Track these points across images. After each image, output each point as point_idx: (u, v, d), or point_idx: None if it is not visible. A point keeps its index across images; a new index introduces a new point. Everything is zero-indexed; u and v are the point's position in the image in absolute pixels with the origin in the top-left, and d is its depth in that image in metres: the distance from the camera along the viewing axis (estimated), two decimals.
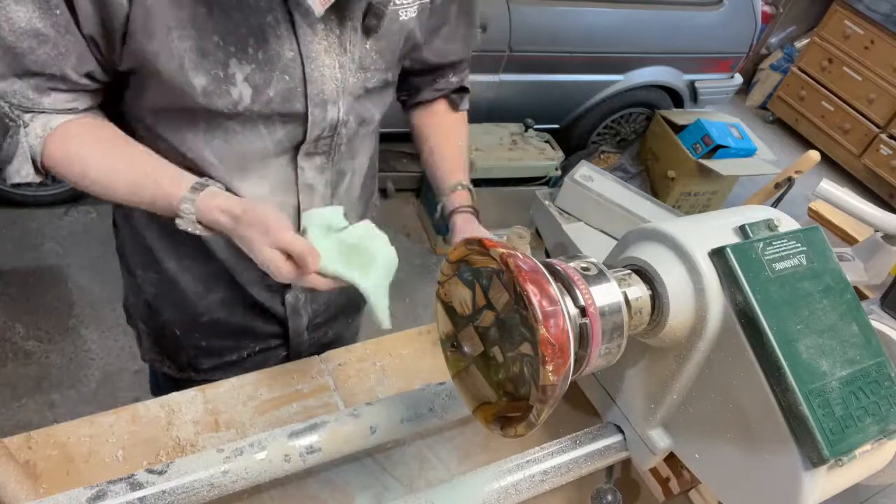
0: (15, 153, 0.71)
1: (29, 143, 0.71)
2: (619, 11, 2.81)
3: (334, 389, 0.86)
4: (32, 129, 0.71)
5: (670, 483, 0.78)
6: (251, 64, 0.72)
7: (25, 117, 0.70)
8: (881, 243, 1.12)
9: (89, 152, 0.73)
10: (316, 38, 0.74)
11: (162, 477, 0.60)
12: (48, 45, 0.66)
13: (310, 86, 0.76)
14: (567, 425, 0.81)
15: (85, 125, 0.74)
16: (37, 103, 0.70)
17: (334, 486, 0.75)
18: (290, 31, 0.72)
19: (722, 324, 0.60)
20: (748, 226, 0.61)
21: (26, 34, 0.65)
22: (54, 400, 1.95)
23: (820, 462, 0.55)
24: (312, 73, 0.75)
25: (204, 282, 0.94)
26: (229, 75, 0.71)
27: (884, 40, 3.79)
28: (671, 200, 3.09)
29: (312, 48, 0.74)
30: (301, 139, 0.81)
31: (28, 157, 0.72)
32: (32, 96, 0.69)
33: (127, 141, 0.76)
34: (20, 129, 0.70)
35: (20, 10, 0.63)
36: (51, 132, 0.71)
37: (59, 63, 0.68)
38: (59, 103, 0.71)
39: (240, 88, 0.73)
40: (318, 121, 0.79)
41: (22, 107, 0.69)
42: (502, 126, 2.78)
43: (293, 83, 0.75)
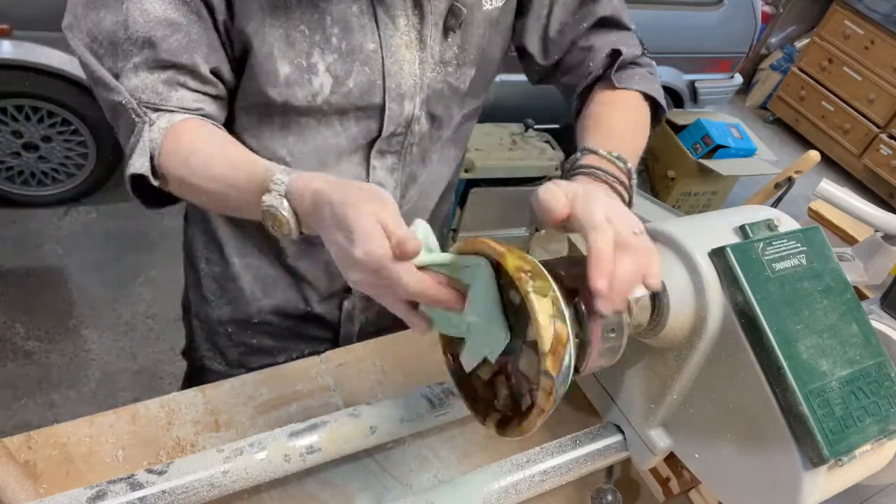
0: (136, 148, 0.70)
1: (152, 138, 0.69)
2: None
3: (334, 389, 0.86)
4: (157, 126, 0.70)
5: (670, 483, 0.78)
6: (333, 53, 0.72)
7: (152, 115, 0.69)
8: (881, 243, 1.12)
9: (197, 142, 0.70)
10: (398, 33, 0.74)
11: (162, 477, 0.60)
12: (180, 32, 0.67)
13: (388, 79, 0.76)
14: (567, 425, 0.81)
15: (201, 123, 0.72)
16: (165, 98, 0.69)
17: (334, 486, 0.75)
18: (372, 22, 0.72)
19: (722, 324, 0.60)
20: (748, 226, 0.61)
21: (160, 23, 0.66)
22: (54, 400, 1.95)
23: (820, 462, 0.55)
24: (392, 66, 0.75)
25: (263, 283, 0.96)
26: (311, 64, 0.72)
27: (884, 40, 3.79)
28: (671, 200, 3.09)
29: (393, 41, 0.74)
30: (376, 135, 0.80)
31: (147, 150, 0.69)
32: (162, 90, 0.69)
33: (233, 140, 0.73)
34: (145, 126, 0.69)
35: (154, 2, 0.65)
36: (172, 125, 0.70)
37: (190, 51, 0.68)
38: (187, 101, 0.71)
39: (321, 78, 0.73)
40: (395, 115, 0.79)
41: (150, 104, 0.69)
42: (502, 126, 2.78)
43: (373, 75, 0.75)
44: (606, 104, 0.82)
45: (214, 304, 1.00)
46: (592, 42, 0.85)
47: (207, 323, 1.03)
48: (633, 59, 0.85)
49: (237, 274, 0.96)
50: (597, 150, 0.72)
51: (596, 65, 0.84)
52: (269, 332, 1.02)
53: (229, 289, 0.98)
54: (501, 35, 0.85)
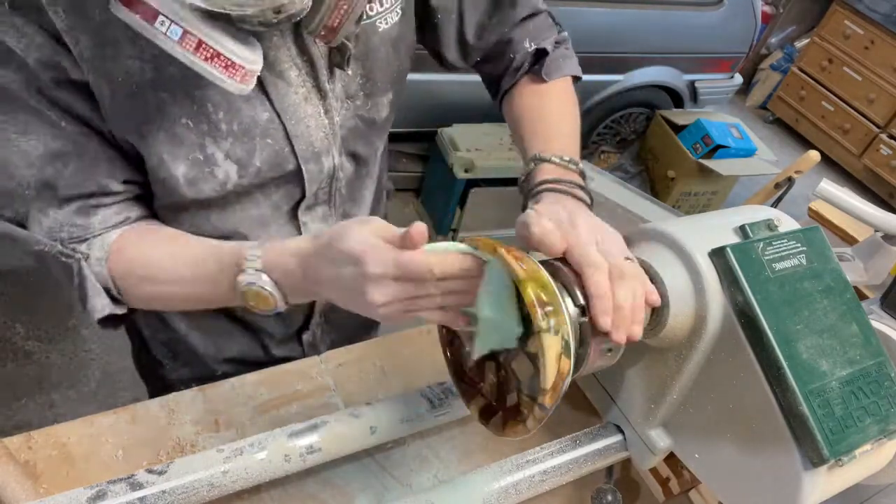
0: (86, 291, 0.65)
1: (94, 272, 0.65)
2: (619, 11, 2.81)
3: (334, 389, 0.86)
4: (93, 257, 0.65)
5: (670, 483, 0.78)
6: (227, 139, 0.64)
7: (81, 248, 0.64)
8: (881, 243, 1.12)
9: (148, 249, 0.67)
10: (291, 89, 0.66)
11: (162, 477, 0.60)
12: (73, 161, 0.61)
13: (296, 142, 0.69)
14: (567, 425, 0.81)
15: (138, 230, 0.68)
16: (86, 227, 0.64)
17: (334, 486, 0.75)
18: (259, 89, 0.64)
19: (722, 324, 0.60)
20: (748, 226, 0.62)
21: (46, 159, 0.60)
22: (54, 400, 1.95)
23: (820, 462, 0.55)
24: (295, 128, 0.68)
25: (216, 341, 0.90)
26: (209, 156, 0.65)
27: (884, 40, 3.79)
28: (671, 200, 3.09)
29: (289, 101, 0.66)
30: (300, 197, 0.75)
31: (99, 290, 0.65)
32: (79, 221, 0.64)
33: (182, 233, 0.70)
34: (81, 263, 0.64)
35: (31, 140, 0.58)
36: (109, 250, 0.65)
37: (93, 176, 0.63)
38: (110, 219, 0.66)
39: (223, 167, 0.66)
40: (315, 175, 0.73)
41: (74, 238, 0.64)
42: (502, 126, 2.78)
43: (278, 145, 0.68)
44: (540, 97, 0.83)
45: (170, 367, 0.95)
46: (512, 35, 0.84)
47: (167, 382, 0.97)
48: (553, 45, 0.85)
49: (185, 337, 0.89)
50: (549, 157, 0.72)
51: (519, 58, 0.84)
52: None
53: (181, 351, 0.92)
54: (405, 50, 0.77)
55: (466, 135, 2.65)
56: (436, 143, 2.70)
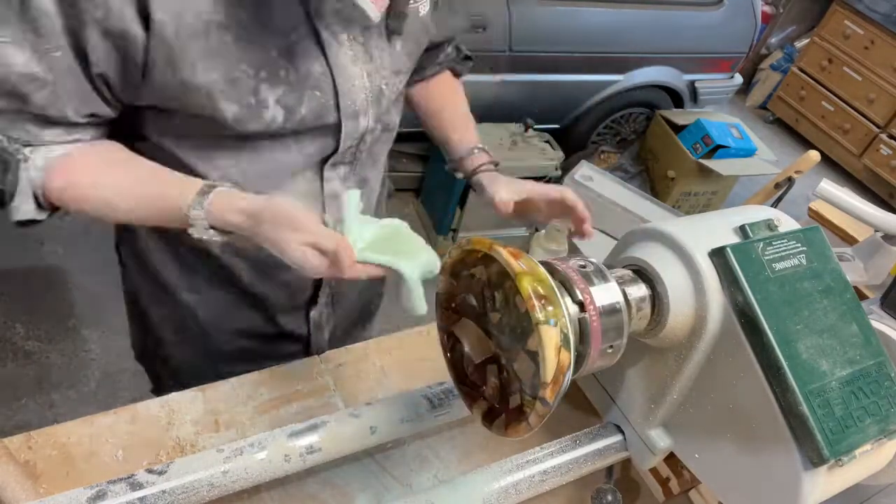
0: (16, 190, 0.67)
1: (30, 178, 0.68)
2: (619, 11, 2.81)
3: (334, 389, 0.86)
4: (33, 163, 0.67)
5: (670, 483, 0.78)
6: (282, 86, 0.70)
7: (25, 151, 0.67)
8: (881, 243, 1.12)
9: (92, 175, 0.70)
10: (342, 50, 0.73)
11: (162, 477, 0.60)
12: (46, 89, 0.63)
13: (341, 98, 0.75)
14: (567, 425, 0.81)
15: (86, 150, 0.71)
16: (37, 136, 0.67)
17: (334, 486, 0.75)
18: (316, 45, 0.70)
19: (722, 324, 0.60)
20: (748, 226, 0.61)
21: (24, 78, 0.62)
22: (54, 400, 1.95)
23: (820, 462, 0.55)
24: (343, 84, 0.74)
25: (223, 312, 0.92)
26: (261, 100, 0.70)
27: (884, 40, 3.79)
28: (671, 200, 3.09)
29: (340, 60, 0.73)
30: (332, 151, 0.80)
31: (29, 194, 0.68)
32: (31, 129, 0.66)
33: (129, 155, 0.73)
34: (20, 164, 0.67)
35: (17, 54, 0.61)
36: (51, 162, 0.68)
37: (59, 106, 0.65)
38: (61, 136, 0.68)
39: (272, 111, 0.71)
40: (351, 132, 0.78)
41: (22, 140, 0.66)
42: (502, 126, 2.78)
43: (325, 98, 0.74)
44: (454, 92, 1.06)
45: (176, 346, 0.96)
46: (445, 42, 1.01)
47: (173, 363, 0.99)
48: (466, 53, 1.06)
49: (192, 310, 0.92)
50: (483, 147, 1.00)
51: (442, 57, 1.02)
52: (239, 359, 0.96)
53: (188, 327, 0.94)
54: (428, 37, 0.88)
55: None
56: None
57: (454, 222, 2.75)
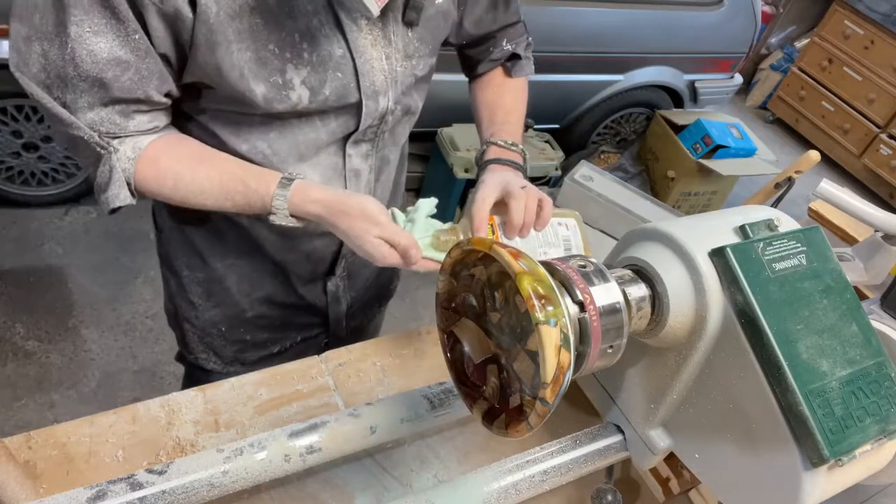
0: (110, 179, 0.74)
1: (122, 167, 0.74)
2: (619, 11, 2.81)
3: (334, 389, 0.86)
4: (123, 153, 0.74)
5: (670, 483, 0.78)
6: (306, 67, 0.75)
7: (114, 143, 0.73)
8: (881, 243, 1.12)
9: (179, 167, 0.76)
10: (361, 34, 0.77)
11: (162, 477, 0.60)
12: (131, 70, 0.68)
13: (362, 79, 0.79)
14: (567, 425, 0.81)
15: (169, 143, 0.77)
16: (123, 128, 0.73)
17: (334, 486, 0.75)
18: (337, 29, 0.75)
19: (722, 324, 0.60)
20: (748, 226, 0.61)
21: (110, 63, 0.67)
22: (54, 400, 1.95)
23: (820, 462, 0.55)
24: (363, 66, 0.79)
25: (249, 279, 0.99)
26: (287, 81, 0.75)
27: (884, 40, 3.79)
28: (671, 200, 3.09)
29: (360, 43, 0.77)
30: (354, 129, 0.85)
31: (124, 182, 0.75)
32: (119, 121, 0.72)
33: (209, 151, 0.79)
34: (112, 156, 0.73)
35: (101, 42, 0.65)
36: (140, 153, 0.74)
37: (144, 86, 0.70)
38: (143, 124, 0.74)
39: (298, 92, 0.76)
40: (371, 111, 0.83)
41: (110, 133, 0.72)
42: None
43: (346, 79, 0.78)
44: (502, 89, 1.05)
45: (203, 308, 1.01)
46: (497, 34, 1.03)
47: (198, 325, 1.04)
48: (524, 49, 1.06)
49: (222, 276, 0.98)
50: (497, 141, 0.95)
51: (496, 53, 1.04)
52: (261, 326, 1.04)
53: (216, 291, 0.99)
54: (449, 24, 0.91)
55: (466, 135, 2.65)
56: (436, 143, 2.70)
57: (454, 221, 2.75)
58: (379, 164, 0.94)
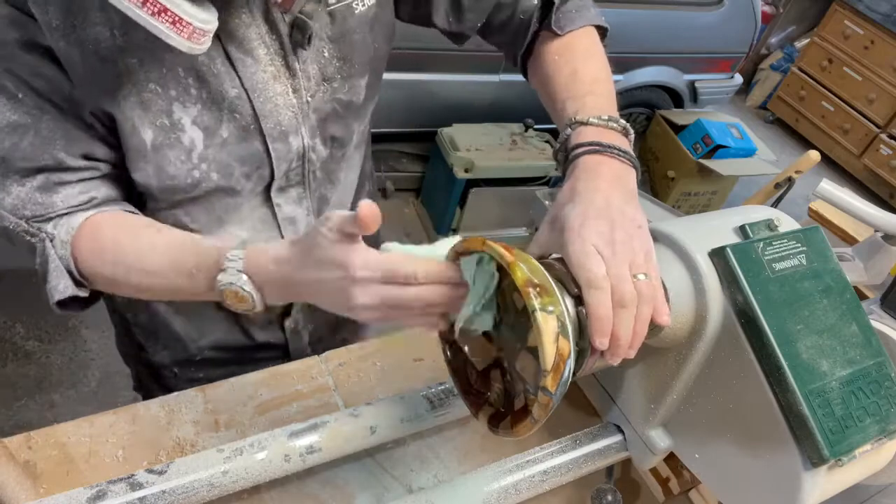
0: (47, 269, 0.65)
1: (58, 254, 0.65)
2: (619, 11, 2.81)
3: (334, 389, 0.86)
4: (58, 238, 0.65)
5: (670, 483, 0.78)
6: (196, 104, 0.64)
7: (47, 227, 0.64)
8: (881, 243, 1.12)
9: (119, 235, 0.66)
10: (260, 67, 0.66)
11: (162, 477, 0.60)
12: (30, 133, 0.61)
13: (263, 121, 0.68)
14: (567, 425, 0.81)
15: (111, 215, 0.68)
16: (49, 206, 0.64)
17: (334, 486, 0.75)
18: (227, 65, 0.64)
19: (722, 324, 0.60)
20: (748, 226, 0.61)
21: (3, 131, 0.60)
22: (54, 400, 1.95)
23: (820, 462, 0.55)
24: (263, 106, 0.67)
25: (197, 325, 0.90)
26: (175, 121, 0.64)
27: (884, 40, 3.79)
28: (671, 200, 3.09)
29: (257, 78, 0.66)
30: (269, 178, 0.74)
31: (63, 270, 0.65)
32: (42, 199, 0.63)
33: (152, 222, 0.69)
34: (46, 244, 0.64)
35: None
36: (75, 232, 0.65)
37: (49, 149, 0.62)
38: (72, 198, 0.65)
39: (189, 133, 0.65)
40: (283, 155, 0.72)
41: (37, 217, 0.64)
42: (502, 126, 2.78)
43: (245, 121, 0.68)
44: (562, 55, 0.78)
45: (151, 350, 0.95)
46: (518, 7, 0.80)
47: (149, 367, 0.98)
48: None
49: (167, 320, 0.89)
50: (586, 120, 0.66)
51: (525, 18, 0.80)
52: (216, 365, 0.95)
53: (163, 335, 0.92)
54: (384, 31, 0.77)
55: (466, 135, 2.65)
56: (436, 143, 2.70)
57: (454, 222, 2.76)
58: (317, 206, 0.82)
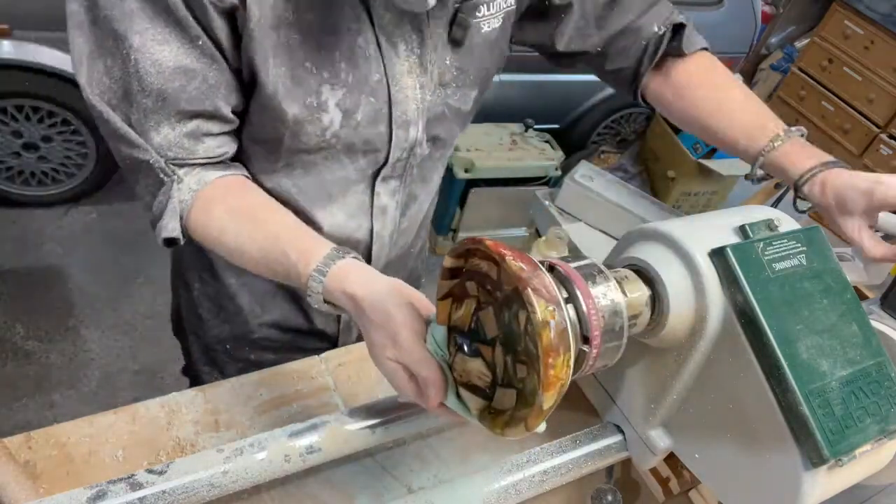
0: (165, 208, 0.69)
1: (180, 199, 0.69)
2: None
3: (334, 389, 0.86)
4: (186, 185, 0.69)
5: (670, 483, 0.78)
6: (342, 88, 0.71)
7: (180, 172, 0.69)
8: None
9: (227, 220, 0.71)
10: (399, 60, 0.73)
11: (162, 477, 0.60)
12: (197, 79, 0.65)
13: (394, 107, 0.75)
14: (567, 425, 0.81)
15: (227, 188, 0.72)
16: (192, 152, 0.68)
17: (334, 486, 0.75)
18: (377, 52, 0.71)
19: (722, 324, 0.60)
20: (748, 226, 0.61)
21: (175, 73, 0.63)
22: (54, 400, 1.95)
23: (820, 462, 0.55)
24: (397, 94, 0.74)
25: (262, 300, 0.95)
26: (322, 102, 0.70)
27: (884, 40, 3.79)
28: (671, 200, 3.09)
29: (396, 69, 0.73)
30: (383, 162, 0.80)
31: (177, 213, 0.70)
32: (188, 145, 0.68)
33: (264, 206, 0.73)
34: (174, 185, 0.69)
35: (165, 50, 0.62)
36: (204, 187, 0.70)
37: (212, 97, 0.66)
38: (212, 150, 0.70)
39: (331, 114, 0.72)
40: (401, 141, 0.79)
41: (178, 160, 0.68)
42: (502, 126, 2.78)
43: (379, 105, 0.74)
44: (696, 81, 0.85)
45: (211, 323, 0.99)
46: (640, 22, 0.87)
47: (204, 341, 1.01)
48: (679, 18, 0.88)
49: (234, 293, 0.94)
50: (788, 137, 0.77)
51: (652, 44, 0.87)
52: (268, 347, 1.00)
53: (226, 307, 0.96)
54: (498, 54, 0.84)
55: (466, 135, 2.65)
56: None
57: (454, 222, 2.76)
58: (405, 200, 0.90)
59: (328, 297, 0.64)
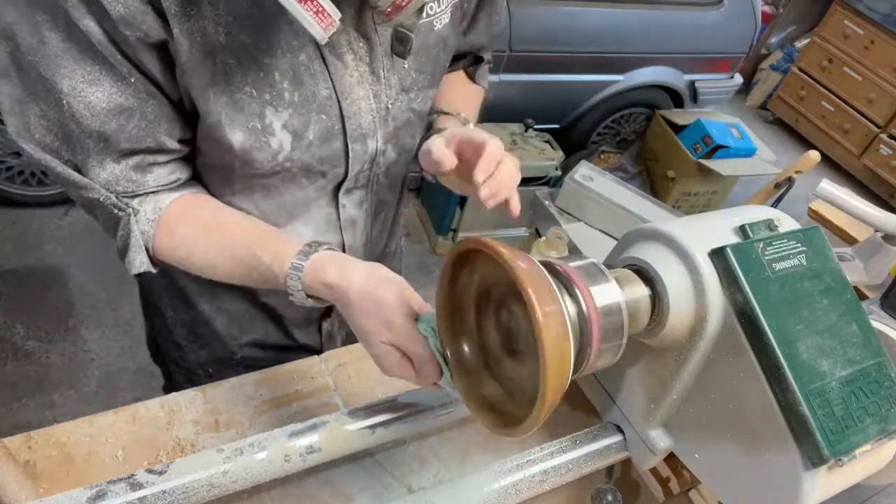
0: (128, 244, 0.69)
1: (141, 230, 0.69)
2: (619, 11, 2.81)
3: (334, 389, 0.86)
4: (143, 215, 0.69)
5: (670, 483, 0.78)
6: (288, 109, 0.68)
7: (133, 203, 0.68)
8: (881, 243, 1.13)
9: (193, 235, 0.70)
10: (347, 71, 0.70)
11: (162, 477, 0.60)
12: (135, 117, 0.63)
13: (348, 122, 0.73)
14: (567, 425, 0.81)
15: (187, 204, 0.71)
16: (141, 184, 0.67)
17: (334, 486, 0.75)
18: (323, 67, 0.68)
19: (722, 324, 0.60)
20: (748, 226, 0.61)
21: (111, 113, 0.61)
22: (54, 400, 1.95)
23: (820, 462, 0.55)
24: (349, 108, 0.72)
25: (239, 323, 0.93)
26: (266, 125, 0.68)
27: (884, 40, 3.79)
28: (671, 200, 3.09)
29: (345, 82, 0.70)
30: (342, 178, 0.79)
31: (141, 247, 0.69)
32: (136, 177, 0.67)
33: (227, 216, 0.73)
34: (131, 219, 0.68)
35: (97, 91, 0.60)
36: (161, 213, 0.69)
37: (153, 132, 0.65)
38: (163, 178, 0.69)
39: (279, 138, 0.69)
40: (359, 155, 0.77)
41: (128, 193, 0.67)
42: (502, 126, 2.78)
43: (331, 122, 0.72)
44: (461, 89, 0.99)
45: (188, 349, 0.96)
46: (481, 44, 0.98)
47: (184, 366, 0.99)
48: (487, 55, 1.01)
49: (209, 318, 0.92)
50: (448, 111, 0.89)
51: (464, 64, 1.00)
52: (252, 366, 0.95)
53: (202, 333, 0.94)
54: (449, 50, 0.84)
55: None
56: None
57: (454, 222, 2.76)
58: (375, 209, 0.88)
59: (309, 292, 0.65)
